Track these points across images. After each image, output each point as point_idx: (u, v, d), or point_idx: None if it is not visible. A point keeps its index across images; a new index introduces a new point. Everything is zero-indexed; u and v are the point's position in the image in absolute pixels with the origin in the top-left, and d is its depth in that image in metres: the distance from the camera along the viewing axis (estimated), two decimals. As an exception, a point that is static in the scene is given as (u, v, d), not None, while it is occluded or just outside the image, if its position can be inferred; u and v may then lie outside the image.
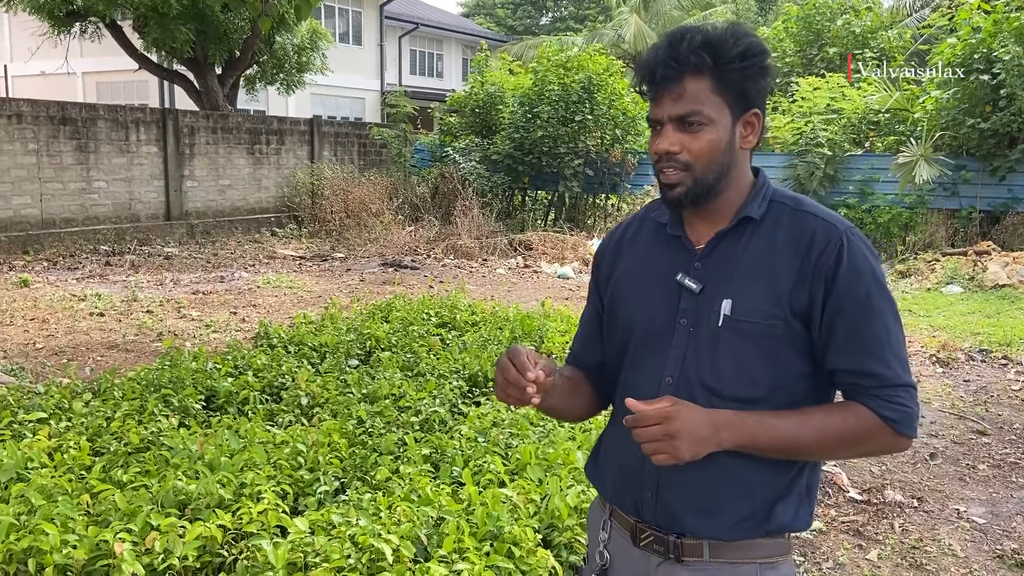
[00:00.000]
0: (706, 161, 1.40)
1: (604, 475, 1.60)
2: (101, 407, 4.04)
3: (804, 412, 1.39)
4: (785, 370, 1.40)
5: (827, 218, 1.41)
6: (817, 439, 1.37)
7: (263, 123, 15.38)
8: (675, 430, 1.31)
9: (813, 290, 1.37)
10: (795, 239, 1.40)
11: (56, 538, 2.61)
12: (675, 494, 1.44)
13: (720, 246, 1.45)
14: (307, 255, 12.82)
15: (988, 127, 11.66)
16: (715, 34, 1.38)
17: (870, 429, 1.37)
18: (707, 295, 1.44)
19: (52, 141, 12.00)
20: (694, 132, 1.39)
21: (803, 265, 1.38)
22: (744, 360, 1.40)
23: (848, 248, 1.37)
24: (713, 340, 1.42)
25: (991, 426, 5.36)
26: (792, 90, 14.83)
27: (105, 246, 12.37)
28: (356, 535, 2.65)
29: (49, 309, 8.17)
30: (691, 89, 1.37)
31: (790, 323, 1.38)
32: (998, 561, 3.58)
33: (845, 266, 1.36)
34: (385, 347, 5.35)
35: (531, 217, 15.77)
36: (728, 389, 1.40)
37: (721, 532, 1.43)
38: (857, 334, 1.36)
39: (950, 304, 9.46)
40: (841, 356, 1.38)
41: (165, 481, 3.03)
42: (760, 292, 1.39)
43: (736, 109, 1.40)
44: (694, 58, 1.36)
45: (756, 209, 1.44)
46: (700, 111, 1.37)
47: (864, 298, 1.36)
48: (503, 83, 15.79)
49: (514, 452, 3.49)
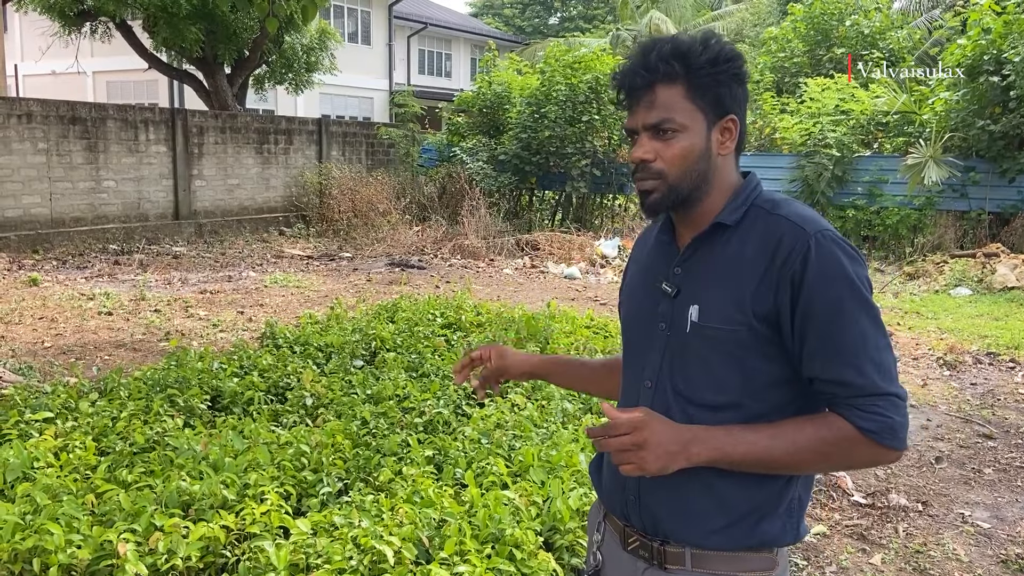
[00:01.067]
0: (680, 168, 1.39)
1: (602, 478, 1.61)
2: (107, 407, 4.06)
3: (777, 425, 1.37)
4: (755, 377, 1.38)
5: (798, 221, 1.37)
6: (790, 452, 1.33)
7: (272, 123, 15.43)
8: (642, 440, 1.30)
9: (779, 295, 1.34)
10: (764, 243, 1.38)
11: (60, 538, 2.63)
12: (655, 499, 1.45)
13: (698, 251, 1.45)
14: (314, 254, 12.86)
15: (998, 129, 11.61)
16: (685, 41, 1.39)
17: (847, 440, 1.31)
18: (680, 300, 1.44)
19: (62, 140, 12.06)
20: (667, 140, 1.39)
21: (768, 269, 1.35)
22: (711, 366, 1.39)
23: (816, 251, 1.32)
24: (683, 346, 1.42)
25: (997, 430, 5.34)
26: (800, 91, 14.78)
27: (114, 245, 12.44)
28: (358, 537, 2.66)
29: (58, 308, 8.22)
30: (663, 97, 1.38)
31: (754, 329, 1.36)
32: (1002, 566, 3.56)
33: (813, 269, 1.32)
34: (390, 348, 5.36)
35: (538, 217, 15.77)
36: (697, 395, 1.40)
37: (700, 540, 1.42)
38: (829, 341, 1.32)
39: (958, 306, 9.42)
40: (815, 363, 1.34)
41: (169, 481, 3.05)
42: (725, 298, 1.38)
43: (711, 116, 1.40)
44: (663, 66, 1.37)
45: (730, 215, 1.43)
46: (672, 119, 1.38)
47: (835, 302, 1.31)
48: (511, 83, 15.80)
49: (517, 454, 3.49)
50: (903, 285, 10.96)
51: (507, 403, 4.23)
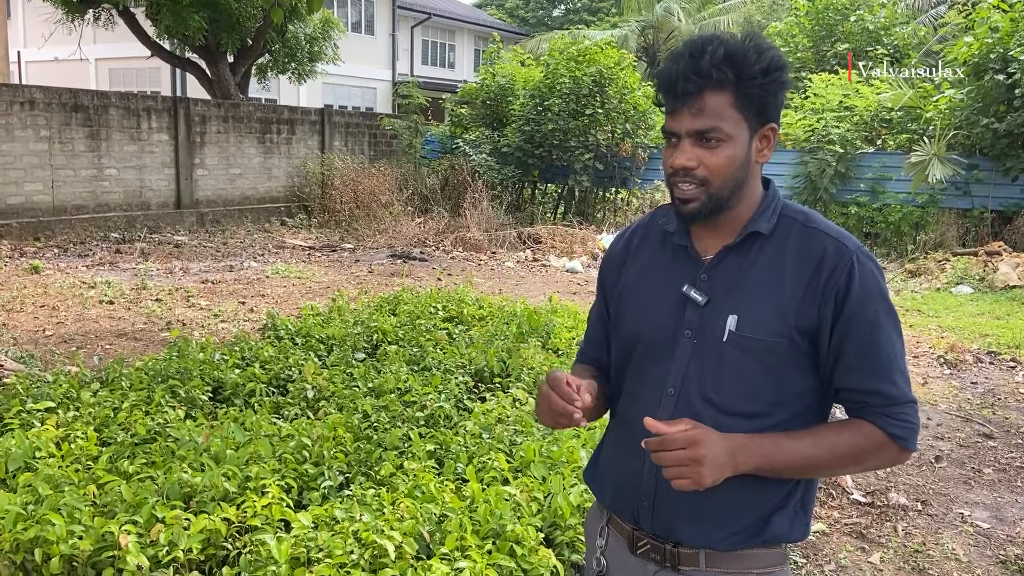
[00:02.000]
0: (723, 177, 1.38)
1: (603, 481, 1.60)
2: (109, 397, 4.07)
3: (814, 432, 1.39)
4: (787, 387, 1.40)
5: (838, 237, 1.40)
6: (829, 458, 1.38)
7: (274, 112, 15.40)
8: (700, 456, 1.29)
9: (822, 309, 1.36)
10: (805, 256, 1.39)
11: (62, 528, 2.63)
12: (671, 503, 1.44)
13: (727, 259, 1.45)
14: (316, 245, 12.85)
15: (1002, 127, 11.58)
16: (738, 47, 1.35)
17: (878, 445, 1.38)
18: (712, 308, 1.43)
19: (64, 128, 12.04)
20: (712, 148, 1.37)
21: (812, 283, 1.37)
22: (747, 376, 1.40)
23: (859, 269, 1.36)
24: (717, 354, 1.41)
25: (998, 429, 5.34)
26: (804, 86, 14.74)
27: (116, 233, 12.43)
28: (359, 531, 2.66)
29: (59, 296, 8.22)
30: (711, 104, 1.35)
31: (795, 341, 1.38)
32: (1001, 567, 3.57)
33: (856, 287, 1.35)
34: (392, 341, 5.37)
35: (540, 210, 15.75)
36: (729, 403, 1.40)
37: (716, 542, 1.43)
38: (867, 355, 1.36)
39: (959, 305, 9.41)
40: (850, 376, 1.38)
41: (171, 473, 3.06)
42: (766, 309, 1.39)
43: (754, 124, 1.39)
44: (716, 73, 1.33)
45: (765, 224, 1.43)
46: (719, 127, 1.35)
47: (873, 319, 1.36)
48: (514, 75, 15.76)
49: (518, 449, 3.50)
50: (904, 283, 10.95)
51: (509, 397, 4.23)
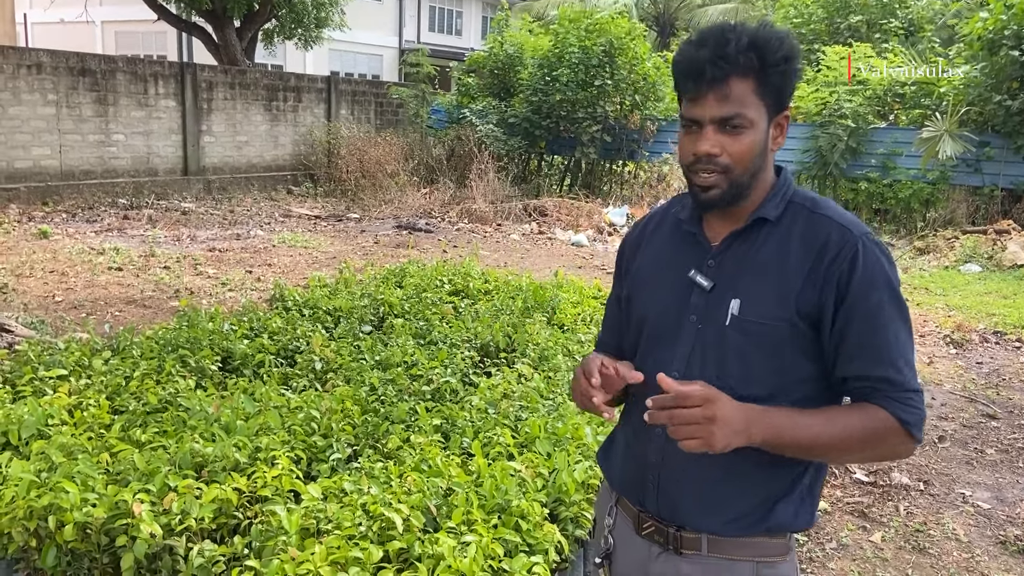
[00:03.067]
0: (744, 164, 1.39)
1: (613, 463, 1.63)
2: (120, 365, 4.10)
3: (827, 411, 1.39)
4: (789, 371, 1.41)
5: (843, 222, 1.40)
6: (840, 438, 1.36)
7: (281, 79, 15.31)
8: (713, 414, 1.28)
9: (824, 294, 1.37)
10: (809, 241, 1.40)
11: (76, 496, 2.68)
12: (676, 486, 1.47)
13: (734, 245, 1.46)
14: (322, 214, 12.85)
15: (1015, 105, 11.46)
16: (761, 34, 1.35)
17: (889, 430, 1.37)
18: (717, 293, 1.44)
19: (71, 92, 12.00)
20: (735, 135, 1.37)
21: (815, 268, 1.38)
22: (749, 360, 1.41)
23: (864, 254, 1.36)
24: (720, 339, 1.43)
25: (1001, 410, 5.36)
26: (816, 58, 14.56)
27: (123, 199, 12.44)
28: (367, 503, 2.70)
29: (68, 262, 8.26)
30: (736, 91, 1.35)
31: (796, 325, 1.38)
32: (1001, 547, 3.61)
33: (860, 273, 1.36)
34: (398, 313, 5.39)
35: (546, 182, 15.69)
36: (733, 387, 1.40)
37: (718, 527, 1.45)
38: (870, 341, 1.36)
39: (967, 283, 9.40)
40: (854, 363, 1.38)
41: (182, 442, 3.09)
42: (768, 293, 1.40)
43: (772, 111, 1.40)
44: (743, 59, 1.34)
45: (772, 210, 1.44)
46: (744, 114, 1.36)
47: (877, 306, 1.36)
48: (523, 44, 15.60)
49: (523, 425, 3.53)
50: (913, 260, 10.92)
51: (514, 373, 4.26)
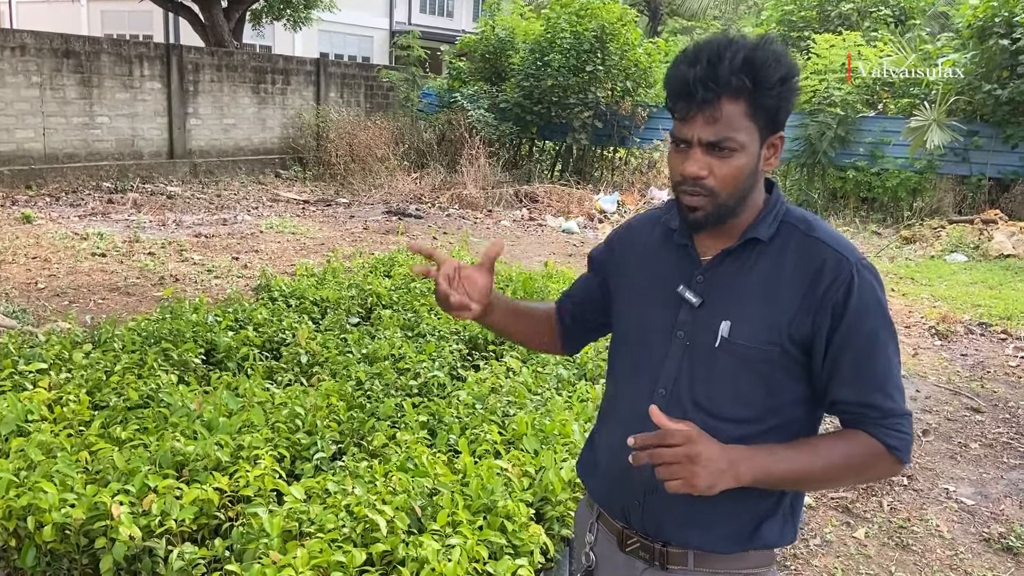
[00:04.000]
0: (731, 188, 1.36)
1: (595, 478, 1.60)
2: (101, 359, 4.05)
3: (811, 443, 1.39)
4: (778, 394, 1.39)
5: (838, 248, 1.38)
6: (826, 469, 1.36)
7: (269, 61, 15.14)
8: (695, 454, 1.26)
9: (818, 320, 1.35)
10: (804, 266, 1.37)
11: (55, 497, 2.64)
12: (662, 505, 1.44)
13: (725, 263, 1.43)
14: (311, 199, 12.75)
15: (1005, 94, 11.47)
16: (757, 54, 1.30)
17: (875, 456, 1.36)
18: (706, 311, 1.42)
19: (55, 74, 11.83)
20: (724, 157, 1.34)
21: (809, 294, 1.36)
22: (738, 382, 1.39)
23: (859, 282, 1.34)
24: (709, 359, 1.40)
25: (986, 403, 5.38)
26: (806, 46, 14.52)
27: (108, 183, 12.31)
28: (351, 505, 2.68)
29: (51, 247, 8.17)
30: (727, 113, 1.31)
31: (787, 350, 1.37)
32: (984, 544, 3.62)
33: (855, 301, 1.34)
34: (386, 304, 5.35)
35: (538, 168, 15.62)
36: (720, 409, 1.39)
37: (706, 544, 1.44)
38: (863, 368, 1.35)
39: (953, 273, 9.42)
40: (846, 389, 1.37)
41: (163, 440, 3.05)
42: (760, 317, 1.38)
43: (765, 133, 1.36)
44: (735, 80, 1.29)
45: (765, 230, 1.41)
46: (734, 138, 1.32)
47: (871, 333, 1.35)
48: (514, 28, 15.48)
49: (511, 421, 3.51)
50: (899, 249, 10.95)
51: (503, 367, 4.24)
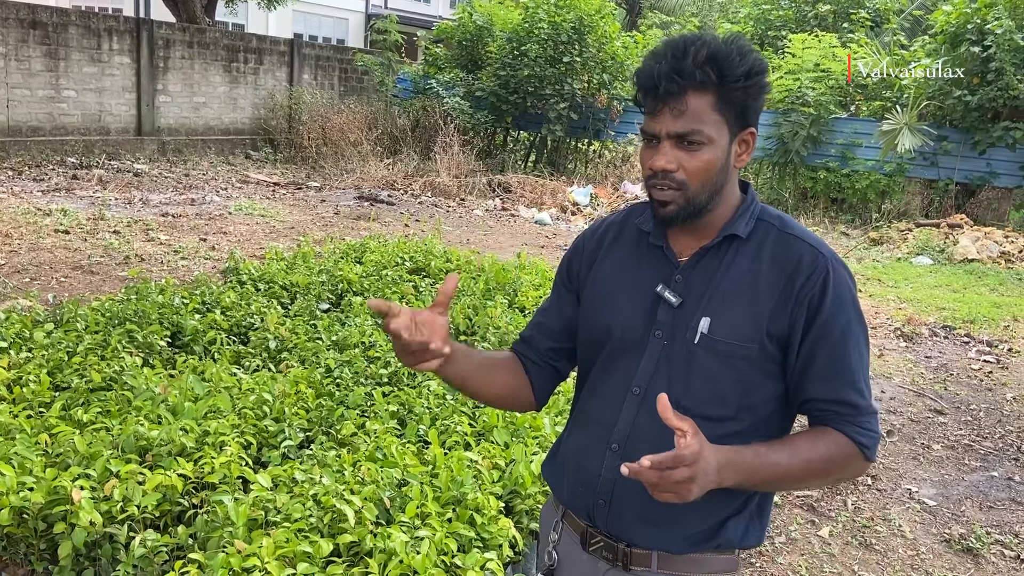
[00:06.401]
0: (701, 181, 1.36)
1: (560, 478, 1.58)
2: (63, 339, 3.95)
3: (790, 442, 1.38)
4: (754, 392, 1.40)
5: (813, 243, 1.40)
6: (804, 468, 1.36)
7: (242, 40, 14.89)
8: (695, 473, 1.21)
9: (794, 316, 1.36)
10: (780, 262, 1.39)
11: (13, 479, 2.57)
12: (628, 504, 1.43)
13: (703, 261, 1.43)
14: (281, 181, 12.58)
15: (975, 100, 11.64)
16: (721, 48, 1.32)
17: (848, 456, 1.37)
18: (685, 310, 1.41)
19: (21, 45, 11.53)
20: (692, 151, 1.34)
21: (786, 290, 1.37)
22: (716, 379, 1.39)
23: (834, 278, 1.36)
24: (687, 356, 1.40)
25: (949, 405, 5.47)
26: (782, 45, 14.61)
27: (72, 158, 12.03)
28: (319, 494, 2.64)
29: (12, 223, 7.96)
30: (693, 106, 1.32)
31: (765, 347, 1.37)
32: (945, 545, 3.68)
33: (831, 295, 1.35)
34: (357, 291, 5.29)
35: (512, 158, 15.56)
36: (697, 406, 1.38)
37: (670, 544, 1.43)
38: (835, 364, 1.36)
39: (919, 276, 9.56)
40: (819, 385, 1.37)
41: (126, 424, 2.98)
42: (740, 313, 1.38)
43: (734, 128, 1.37)
44: (700, 74, 1.30)
45: (743, 227, 1.42)
46: (700, 130, 1.33)
47: (845, 328, 1.36)
48: (492, 15, 15.39)
49: (481, 413, 3.48)
50: (867, 251, 11.09)
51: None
